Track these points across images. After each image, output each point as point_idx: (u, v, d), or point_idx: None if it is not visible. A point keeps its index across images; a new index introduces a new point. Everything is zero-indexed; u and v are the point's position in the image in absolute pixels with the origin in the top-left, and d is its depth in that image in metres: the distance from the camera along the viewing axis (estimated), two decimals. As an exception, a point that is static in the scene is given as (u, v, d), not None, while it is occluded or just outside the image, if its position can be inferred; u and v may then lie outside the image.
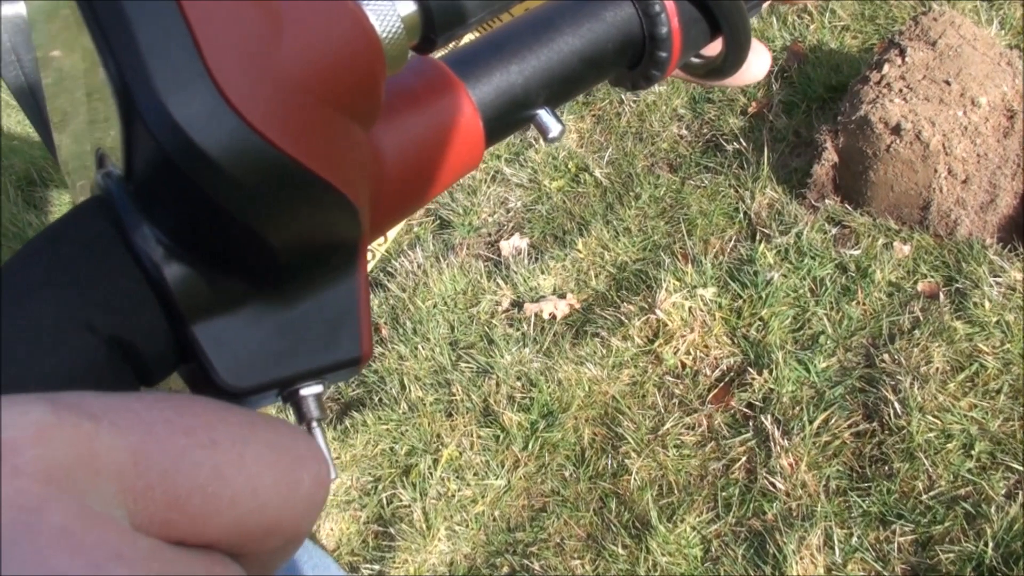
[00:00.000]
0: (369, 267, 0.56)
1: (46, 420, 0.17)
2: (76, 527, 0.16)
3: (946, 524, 1.51)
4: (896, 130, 1.80)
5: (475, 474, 1.86)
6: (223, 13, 0.25)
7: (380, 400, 2.04)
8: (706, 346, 1.87)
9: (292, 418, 0.31)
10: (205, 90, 0.24)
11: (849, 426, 1.67)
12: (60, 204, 2.86)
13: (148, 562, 0.17)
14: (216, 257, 0.28)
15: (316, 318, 0.31)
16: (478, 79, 0.35)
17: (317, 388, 0.31)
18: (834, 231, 1.93)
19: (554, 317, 2.04)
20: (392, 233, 0.60)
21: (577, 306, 2.05)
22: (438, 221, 2.40)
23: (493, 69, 0.36)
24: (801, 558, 1.54)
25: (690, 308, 1.91)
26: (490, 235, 2.30)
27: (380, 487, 1.93)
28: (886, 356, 1.72)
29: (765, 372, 1.77)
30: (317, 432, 0.32)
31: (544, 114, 0.37)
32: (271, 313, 0.30)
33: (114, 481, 0.18)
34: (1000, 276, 1.75)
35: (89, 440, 0.18)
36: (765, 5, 0.41)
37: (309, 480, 0.21)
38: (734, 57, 0.39)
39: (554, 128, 0.37)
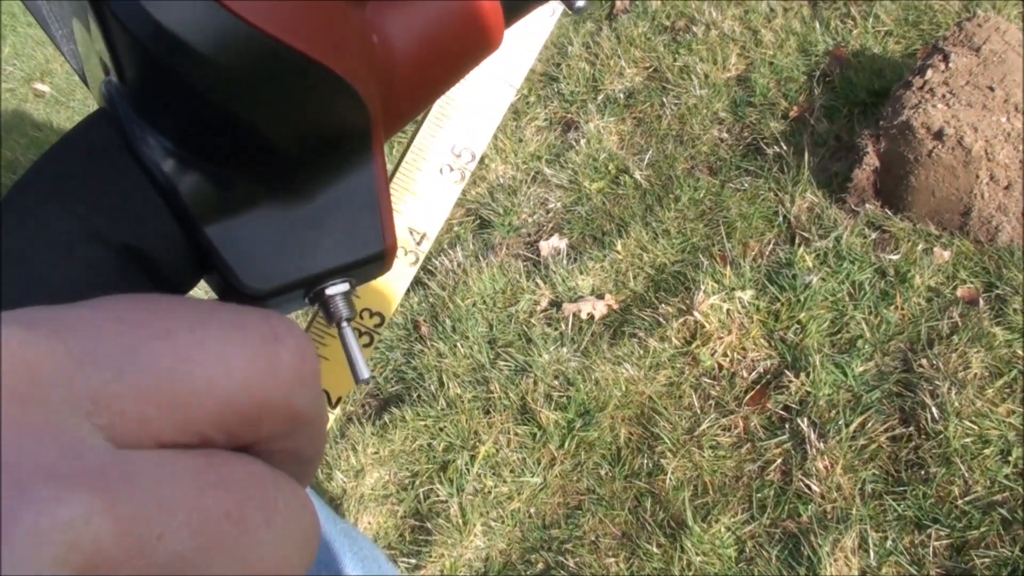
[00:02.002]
0: (461, 186, 0.54)
1: None
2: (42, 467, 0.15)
3: (982, 529, 1.51)
4: (938, 135, 1.80)
5: (512, 471, 1.89)
6: None
7: (419, 396, 2.07)
8: (743, 348, 1.88)
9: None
10: None
11: (885, 430, 1.67)
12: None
13: (126, 486, 0.16)
14: (221, 157, 0.27)
15: (334, 213, 0.29)
16: None
17: (343, 287, 0.30)
18: (874, 236, 1.93)
19: (592, 317, 2.06)
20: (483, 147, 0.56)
21: (615, 307, 2.07)
22: (478, 221, 2.42)
23: None
24: (835, 560, 1.55)
25: (728, 310, 1.92)
26: (529, 235, 2.33)
27: (417, 482, 1.95)
28: (924, 361, 1.72)
29: (802, 375, 1.78)
30: (348, 332, 0.31)
31: None
32: (287, 211, 0.28)
33: (61, 388, 0.17)
34: (1041, 283, 1.74)
35: (21, 350, 0.16)
36: None
37: (288, 353, 0.20)
38: None
39: None
